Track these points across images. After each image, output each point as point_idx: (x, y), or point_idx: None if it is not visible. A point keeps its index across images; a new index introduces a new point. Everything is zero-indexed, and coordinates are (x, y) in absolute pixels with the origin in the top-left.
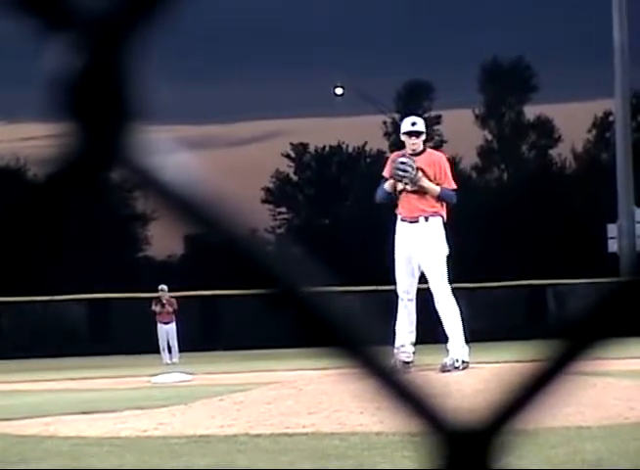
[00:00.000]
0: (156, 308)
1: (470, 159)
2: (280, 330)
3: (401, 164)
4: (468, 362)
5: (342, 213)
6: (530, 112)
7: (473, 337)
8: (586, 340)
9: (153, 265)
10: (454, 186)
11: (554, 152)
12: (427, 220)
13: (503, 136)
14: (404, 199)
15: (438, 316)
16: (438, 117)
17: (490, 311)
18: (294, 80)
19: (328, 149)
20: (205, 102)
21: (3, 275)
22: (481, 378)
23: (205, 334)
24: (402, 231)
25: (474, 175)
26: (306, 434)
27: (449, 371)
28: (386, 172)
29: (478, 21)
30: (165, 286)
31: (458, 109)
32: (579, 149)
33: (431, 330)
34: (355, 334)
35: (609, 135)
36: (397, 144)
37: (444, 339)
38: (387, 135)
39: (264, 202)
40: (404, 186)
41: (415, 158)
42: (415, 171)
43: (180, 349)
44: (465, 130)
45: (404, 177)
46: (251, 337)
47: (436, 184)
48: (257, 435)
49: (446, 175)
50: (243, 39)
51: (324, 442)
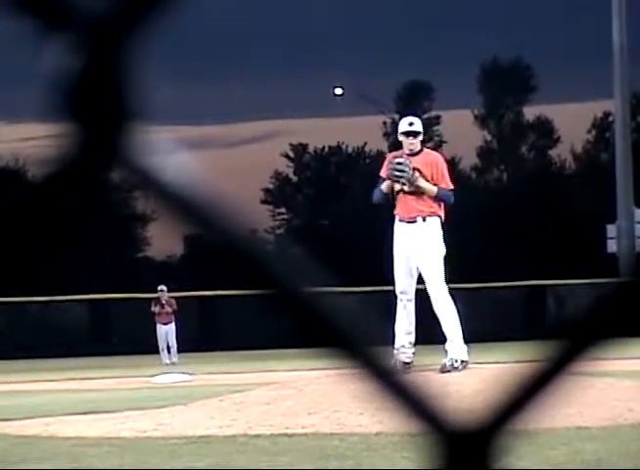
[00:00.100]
0: (155, 309)
1: (469, 159)
2: (280, 330)
3: (398, 164)
4: (467, 361)
5: (341, 214)
6: (530, 112)
7: (472, 337)
8: (586, 340)
9: (152, 266)
10: (451, 186)
11: (553, 152)
12: (424, 221)
13: (503, 137)
14: (402, 200)
15: (437, 316)
16: (438, 118)
17: (490, 312)
18: (293, 80)
19: (327, 149)
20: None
21: (3, 275)
22: (481, 378)
23: (205, 334)
24: (400, 232)
25: (473, 176)
26: (306, 434)
27: (449, 372)
28: (383, 173)
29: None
30: (165, 286)
31: (458, 109)
32: (579, 149)
33: (430, 330)
34: (355, 335)
35: (608, 136)
36: (397, 144)
37: (443, 339)
38: (386, 136)
39: (264, 202)
40: (401, 187)
41: (412, 158)
42: (411, 172)
43: (180, 349)
44: (464, 131)
45: (401, 178)
46: (251, 337)
47: (433, 184)
48: (257, 435)
49: (443, 176)
50: (243, 39)
51: (323, 442)
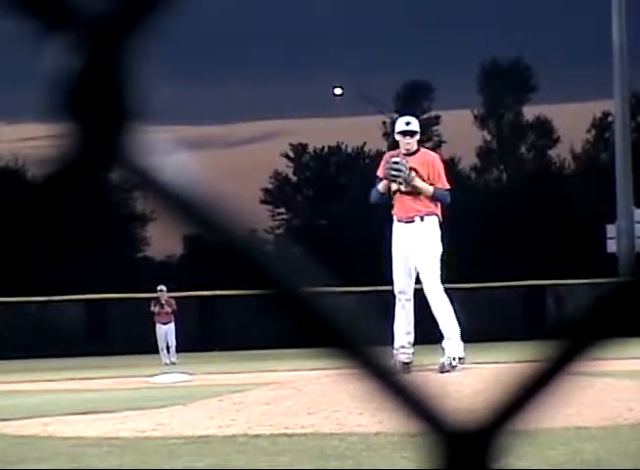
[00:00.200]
0: (155, 309)
1: (469, 159)
2: (279, 330)
3: (394, 163)
4: (464, 358)
5: (340, 214)
6: (529, 112)
7: (471, 337)
8: (585, 340)
9: (152, 266)
10: (447, 186)
11: (553, 152)
12: (422, 220)
13: (502, 137)
14: (399, 200)
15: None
16: (437, 118)
17: (489, 312)
18: (293, 80)
19: (327, 149)
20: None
21: (2, 275)
22: (481, 378)
23: (205, 334)
24: (399, 232)
25: (473, 176)
26: (305, 434)
27: (448, 371)
28: (380, 172)
29: (477, 21)
30: (164, 286)
31: (457, 109)
32: (578, 149)
33: (429, 330)
34: (354, 335)
35: (608, 135)
36: (396, 144)
37: (441, 338)
38: (386, 136)
39: (263, 202)
40: (398, 187)
41: (409, 157)
42: (408, 171)
43: (179, 349)
44: (464, 131)
45: (397, 177)
46: (251, 337)
47: (430, 184)
48: (256, 435)
49: (440, 175)
50: (243, 39)
51: (323, 442)
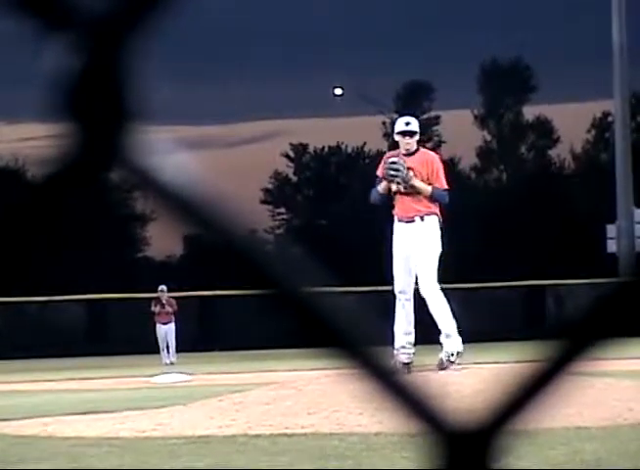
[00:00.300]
0: (155, 309)
1: (469, 159)
2: (279, 330)
3: (392, 163)
4: (461, 352)
5: (340, 214)
6: (529, 112)
7: (471, 337)
8: (585, 340)
9: (152, 266)
10: (446, 186)
11: (553, 152)
12: (422, 220)
13: (502, 137)
14: (399, 200)
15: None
16: (437, 118)
17: (489, 312)
18: (293, 80)
19: (327, 149)
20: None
21: (2, 275)
22: (481, 378)
23: (205, 334)
24: (399, 231)
25: (473, 176)
26: (305, 434)
27: (447, 368)
28: (379, 172)
29: (477, 21)
30: (165, 286)
31: (457, 109)
32: (578, 149)
33: (429, 330)
34: (354, 335)
35: (608, 136)
36: (396, 144)
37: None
38: (386, 136)
39: (263, 202)
40: (397, 187)
41: (408, 158)
42: (406, 171)
43: (179, 349)
44: (464, 131)
45: (395, 177)
46: (251, 337)
47: (428, 184)
48: (257, 435)
49: (438, 175)
50: (243, 39)
51: (323, 442)
